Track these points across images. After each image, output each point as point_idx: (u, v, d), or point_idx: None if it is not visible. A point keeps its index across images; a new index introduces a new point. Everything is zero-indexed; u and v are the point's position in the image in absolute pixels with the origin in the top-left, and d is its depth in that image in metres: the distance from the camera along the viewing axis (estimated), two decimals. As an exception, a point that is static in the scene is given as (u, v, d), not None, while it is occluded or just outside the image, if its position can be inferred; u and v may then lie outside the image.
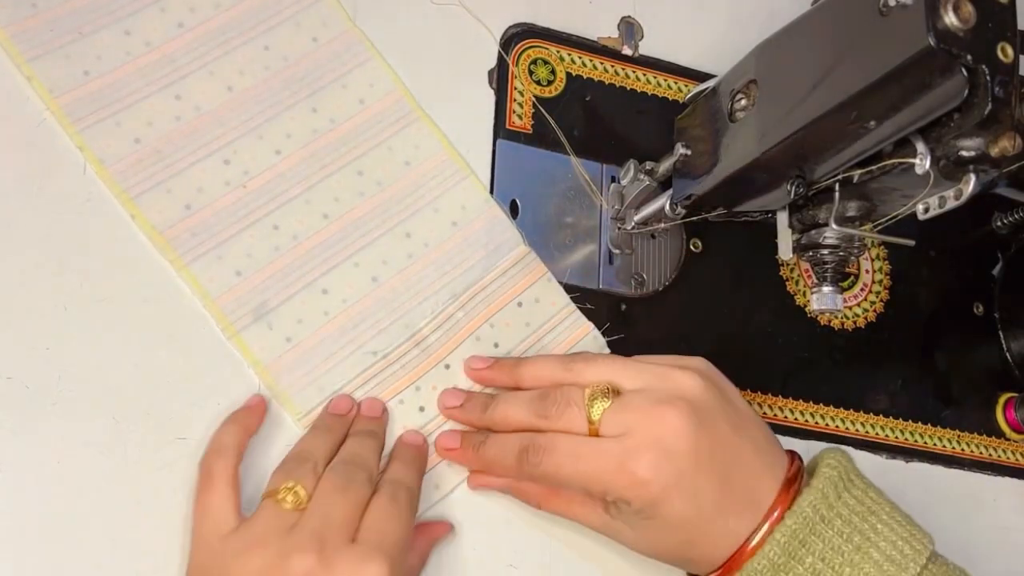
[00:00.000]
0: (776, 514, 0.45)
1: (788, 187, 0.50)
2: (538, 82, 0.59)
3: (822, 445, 0.60)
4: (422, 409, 0.51)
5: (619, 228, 0.58)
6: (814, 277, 0.54)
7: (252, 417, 0.47)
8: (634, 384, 0.47)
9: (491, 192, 0.56)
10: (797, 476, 0.47)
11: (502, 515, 0.51)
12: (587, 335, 0.55)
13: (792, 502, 0.46)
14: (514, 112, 0.58)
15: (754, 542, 0.45)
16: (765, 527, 0.45)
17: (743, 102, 0.51)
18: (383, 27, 0.56)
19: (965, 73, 0.41)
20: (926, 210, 0.47)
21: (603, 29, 0.62)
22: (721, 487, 0.46)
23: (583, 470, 0.46)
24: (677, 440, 0.45)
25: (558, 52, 0.60)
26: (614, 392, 0.47)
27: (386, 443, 0.50)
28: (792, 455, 0.49)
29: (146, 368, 0.47)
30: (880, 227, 0.52)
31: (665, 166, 0.55)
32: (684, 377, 0.47)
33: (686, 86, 0.62)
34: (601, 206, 0.58)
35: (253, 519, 0.44)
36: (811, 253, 0.53)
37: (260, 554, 0.42)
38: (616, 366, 0.48)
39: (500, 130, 0.57)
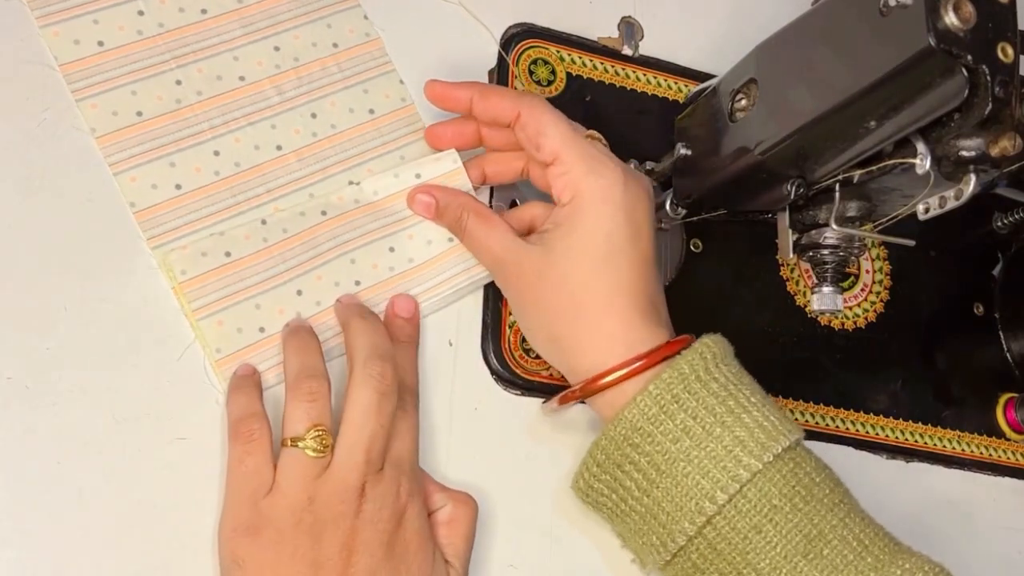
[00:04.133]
0: (663, 347, 0.47)
1: (788, 187, 0.50)
2: (538, 82, 0.59)
3: (822, 445, 0.60)
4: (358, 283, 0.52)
5: (619, 228, 0.58)
6: (814, 277, 0.54)
7: (256, 377, 0.48)
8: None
9: (491, 193, 0.56)
10: (688, 340, 0.49)
11: (502, 515, 0.51)
12: None
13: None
14: (514, 112, 0.57)
15: (633, 366, 0.47)
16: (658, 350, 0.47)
17: (743, 102, 0.51)
18: (383, 27, 0.56)
19: (965, 73, 0.41)
20: (926, 210, 0.47)
21: (603, 29, 0.62)
22: (641, 270, 0.48)
23: (569, 132, 0.49)
24: (644, 192, 0.49)
25: (558, 52, 0.60)
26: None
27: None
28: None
29: (146, 368, 0.47)
30: (880, 227, 0.52)
31: (665, 166, 0.55)
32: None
33: (686, 86, 0.62)
34: (601, 206, 0.58)
35: (283, 473, 0.44)
36: (811, 253, 0.53)
37: (301, 511, 0.43)
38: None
39: (500, 130, 0.57)
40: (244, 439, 0.45)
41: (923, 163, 0.45)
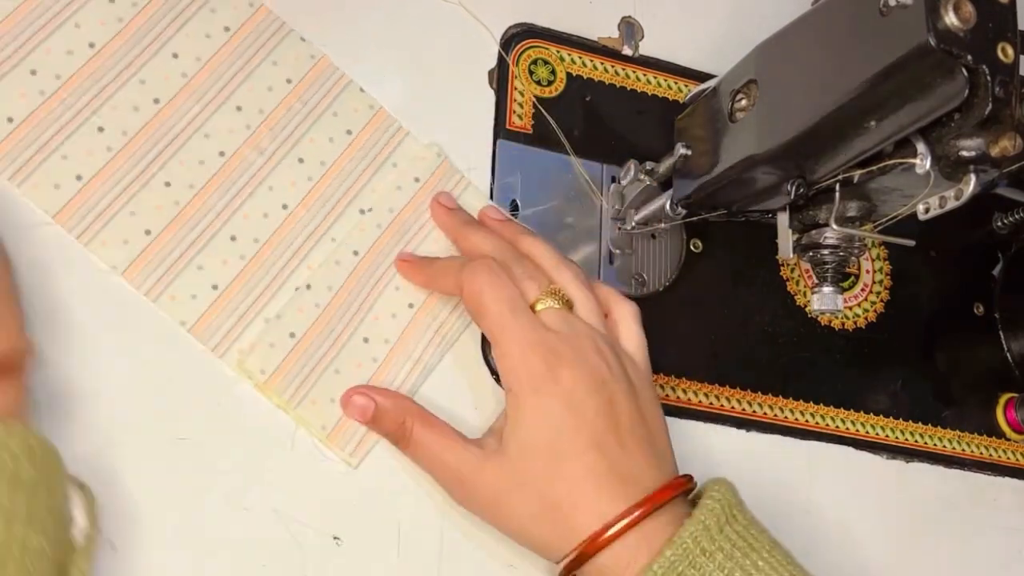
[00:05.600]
0: (639, 513, 0.44)
1: (788, 187, 0.50)
2: (538, 82, 0.59)
3: (822, 445, 0.60)
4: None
5: (619, 228, 0.58)
6: (814, 277, 0.54)
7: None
8: (586, 314, 0.49)
9: (491, 193, 0.56)
10: (684, 485, 0.46)
11: (502, 515, 0.51)
12: None
13: (674, 530, 0.44)
14: (514, 112, 0.58)
15: (616, 528, 0.44)
16: (634, 514, 0.44)
17: (743, 102, 0.51)
18: (383, 28, 0.56)
19: (965, 73, 0.41)
20: (926, 210, 0.47)
21: (603, 29, 0.62)
22: (606, 444, 0.45)
23: (503, 314, 0.46)
24: (593, 372, 0.47)
25: (558, 52, 0.60)
26: (567, 304, 0.49)
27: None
28: (688, 477, 0.48)
29: (145, 369, 0.47)
30: (880, 227, 0.52)
31: (665, 166, 0.55)
32: (631, 336, 0.51)
33: (686, 86, 0.62)
34: (601, 206, 0.58)
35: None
36: (811, 253, 0.54)
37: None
38: (583, 289, 0.50)
39: (500, 130, 0.57)
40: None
41: (923, 163, 0.45)
